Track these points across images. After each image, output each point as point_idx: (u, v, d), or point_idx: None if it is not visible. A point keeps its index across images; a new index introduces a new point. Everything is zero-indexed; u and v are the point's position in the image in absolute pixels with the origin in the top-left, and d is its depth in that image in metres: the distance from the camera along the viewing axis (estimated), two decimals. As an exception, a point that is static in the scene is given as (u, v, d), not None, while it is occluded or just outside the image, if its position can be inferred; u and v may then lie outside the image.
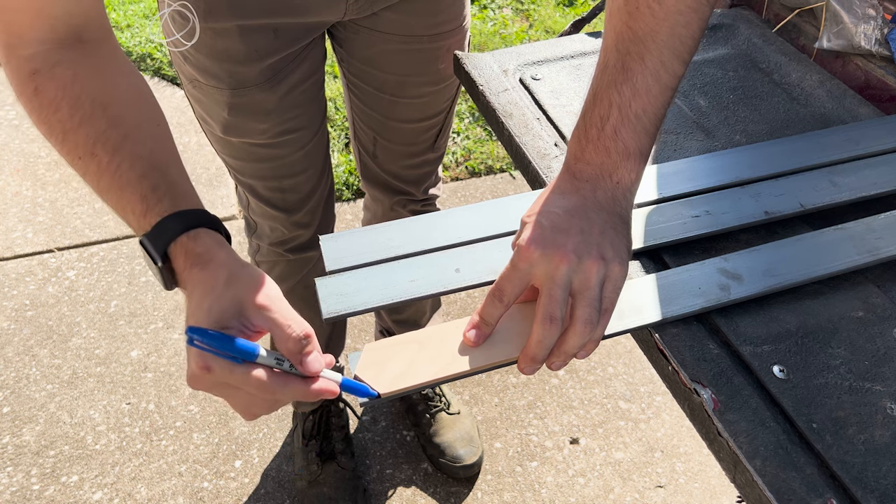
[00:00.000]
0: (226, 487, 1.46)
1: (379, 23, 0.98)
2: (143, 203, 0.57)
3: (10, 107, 2.50)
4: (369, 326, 1.78)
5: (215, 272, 0.54)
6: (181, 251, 0.56)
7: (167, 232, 0.56)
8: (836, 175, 0.76)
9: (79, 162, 0.59)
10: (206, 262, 0.55)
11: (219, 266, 0.55)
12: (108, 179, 0.58)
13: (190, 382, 0.52)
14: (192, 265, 0.55)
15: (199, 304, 0.53)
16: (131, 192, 0.57)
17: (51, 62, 0.59)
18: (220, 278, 0.54)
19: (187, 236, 0.56)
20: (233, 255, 0.57)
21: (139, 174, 0.58)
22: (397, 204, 1.26)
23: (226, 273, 0.54)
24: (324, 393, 0.54)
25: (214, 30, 0.88)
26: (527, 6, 3.10)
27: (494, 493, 1.46)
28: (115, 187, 0.58)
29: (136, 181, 0.57)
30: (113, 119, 0.59)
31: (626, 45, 0.58)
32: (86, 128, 0.58)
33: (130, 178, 0.58)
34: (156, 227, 0.56)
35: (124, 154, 0.58)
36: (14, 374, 1.65)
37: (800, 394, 0.56)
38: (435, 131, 1.16)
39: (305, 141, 1.05)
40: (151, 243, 0.56)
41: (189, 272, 0.55)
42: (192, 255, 0.55)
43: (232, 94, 0.94)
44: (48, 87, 0.59)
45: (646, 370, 1.71)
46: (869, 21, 0.90)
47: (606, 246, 0.55)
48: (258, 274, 0.55)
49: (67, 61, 0.60)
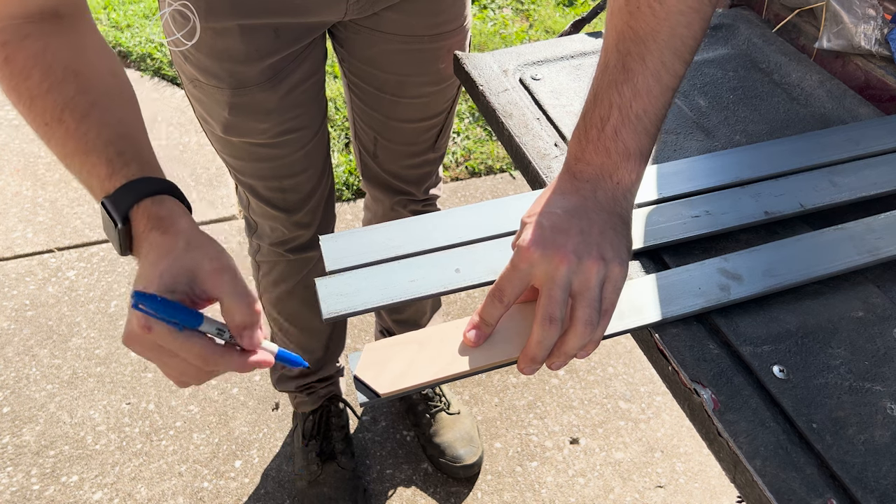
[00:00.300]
0: (226, 487, 1.46)
1: (380, 23, 0.98)
2: (108, 167, 0.57)
3: (11, 107, 2.50)
4: (369, 326, 1.78)
5: (175, 237, 0.55)
6: (143, 214, 0.56)
7: (130, 194, 0.56)
8: (836, 175, 0.76)
9: (45, 128, 0.59)
10: (167, 226, 0.55)
11: (179, 232, 0.55)
12: (73, 144, 0.58)
13: (126, 341, 0.52)
14: (153, 228, 0.55)
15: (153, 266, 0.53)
16: (97, 156, 0.58)
17: (21, 34, 0.60)
18: (180, 243, 0.54)
19: (151, 200, 0.56)
20: (194, 224, 0.57)
21: (106, 140, 0.58)
22: (398, 204, 1.26)
23: (185, 239, 0.55)
24: (260, 364, 0.54)
25: (215, 29, 0.88)
26: (527, 6, 3.10)
27: (494, 493, 1.46)
28: (81, 152, 0.58)
29: (103, 147, 0.58)
30: (83, 86, 0.60)
31: (626, 45, 0.58)
32: (54, 94, 0.59)
33: (97, 144, 0.58)
34: (120, 189, 0.56)
35: (92, 121, 0.59)
36: (14, 374, 1.65)
37: (800, 394, 0.56)
38: (435, 131, 1.16)
39: (306, 141, 1.05)
40: (113, 205, 0.56)
41: (148, 234, 0.55)
42: (154, 219, 0.56)
43: (232, 93, 0.94)
44: (18, 57, 0.60)
45: (646, 370, 1.71)
46: (869, 21, 0.90)
47: (606, 246, 0.55)
48: (217, 245, 0.56)
49: (38, 33, 0.60)
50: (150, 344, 0.52)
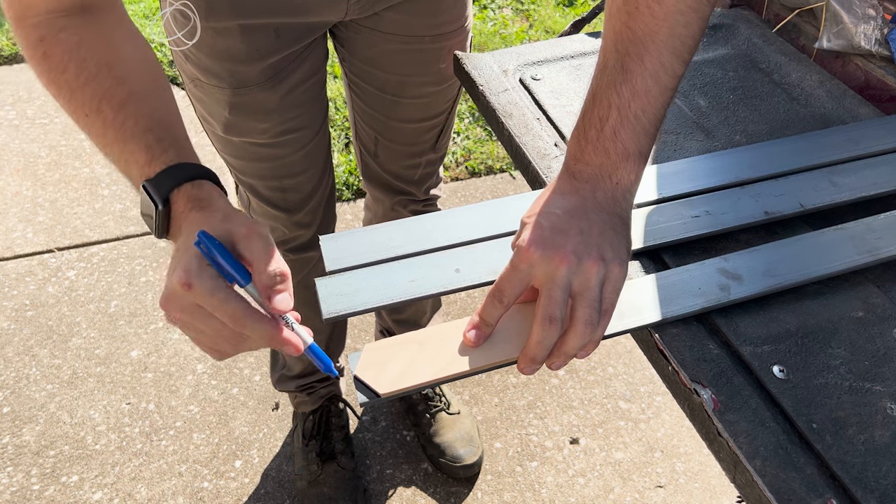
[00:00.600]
0: (226, 487, 1.46)
1: (380, 23, 0.98)
2: (147, 153, 0.59)
3: (10, 107, 2.50)
4: (369, 326, 1.78)
5: (213, 212, 0.56)
6: (183, 197, 0.57)
7: (171, 179, 0.58)
8: (836, 175, 0.76)
9: (85, 119, 0.61)
10: (205, 205, 0.57)
11: (217, 209, 0.57)
12: (112, 133, 0.60)
13: (163, 302, 0.52)
14: (192, 208, 0.57)
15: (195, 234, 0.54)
16: (135, 144, 0.59)
17: (56, 28, 0.62)
18: (217, 217, 0.56)
19: (191, 184, 0.58)
20: (230, 204, 0.59)
21: (144, 128, 0.60)
22: (398, 204, 1.26)
23: (222, 213, 0.56)
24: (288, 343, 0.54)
25: (216, 29, 0.88)
26: (527, 6, 3.10)
27: (494, 493, 1.46)
28: (120, 140, 0.60)
29: (141, 134, 0.59)
30: (118, 78, 0.61)
31: (625, 45, 0.58)
32: (92, 86, 0.61)
33: (135, 132, 0.60)
34: (160, 174, 0.58)
35: (129, 110, 0.60)
36: (14, 374, 1.65)
37: (800, 394, 0.56)
38: (436, 131, 1.16)
39: (306, 141, 1.05)
40: (154, 188, 0.57)
41: (188, 214, 0.57)
42: (194, 200, 0.57)
43: (233, 93, 0.94)
44: (55, 52, 0.61)
45: (646, 370, 1.71)
46: (869, 21, 0.90)
47: (606, 247, 0.55)
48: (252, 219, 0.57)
49: (73, 27, 0.62)
50: (189, 305, 0.52)
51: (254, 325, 0.52)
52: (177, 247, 0.56)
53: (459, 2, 1.01)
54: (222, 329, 0.53)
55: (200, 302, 0.51)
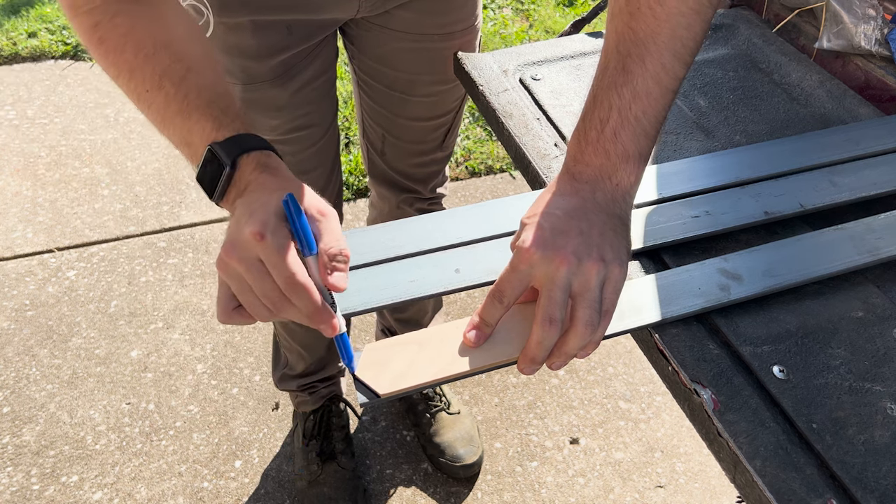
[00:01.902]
0: (226, 487, 1.46)
1: (391, 21, 0.98)
2: (214, 122, 0.60)
3: (10, 107, 2.50)
4: (370, 326, 1.78)
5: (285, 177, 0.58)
6: (253, 161, 0.59)
7: (243, 143, 0.59)
8: (836, 175, 0.76)
9: (146, 94, 0.62)
10: (275, 171, 0.59)
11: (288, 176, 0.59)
12: (175, 106, 0.61)
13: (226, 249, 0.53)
14: (262, 171, 0.58)
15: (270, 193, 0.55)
16: (200, 114, 0.61)
17: (110, 13, 0.63)
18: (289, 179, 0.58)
19: (261, 153, 0.59)
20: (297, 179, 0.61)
21: (207, 101, 0.61)
22: (404, 202, 1.26)
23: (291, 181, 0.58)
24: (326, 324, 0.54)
25: (228, 25, 0.88)
26: (527, 6, 3.10)
27: (494, 493, 1.46)
28: (183, 112, 0.61)
29: (205, 106, 0.61)
30: (176, 54, 0.63)
31: (626, 46, 0.58)
32: (151, 64, 0.62)
33: (199, 104, 0.61)
34: (230, 139, 0.59)
35: (190, 84, 0.62)
36: (14, 374, 1.65)
37: (800, 394, 0.56)
38: (444, 130, 1.16)
39: (317, 138, 1.06)
40: (224, 150, 0.58)
41: (258, 175, 0.58)
42: (263, 165, 0.59)
43: (244, 89, 0.94)
44: (111, 36, 0.63)
45: (646, 370, 1.71)
46: (869, 21, 0.90)
47: (606, 248, 0.55)
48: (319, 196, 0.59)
49: (125, 11, 0.63)
50: (251, 257, 0.52)
51: (304, 293, 0.52)
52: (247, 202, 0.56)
53: (470, 1, 1.01)
54: (271, 290, 0.53)
55: (265, 257, 0.52)
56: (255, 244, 0.51)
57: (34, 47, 2.76)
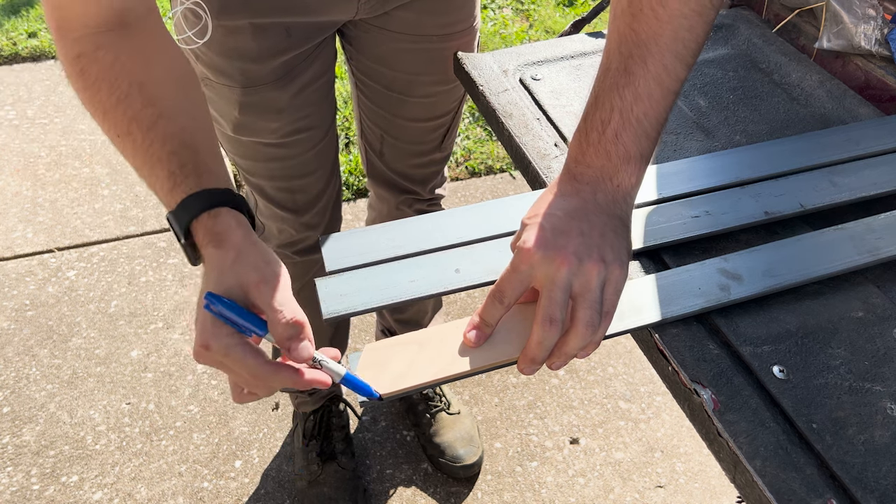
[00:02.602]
0: (226, 487, 1.46)
1: (390, 21, 0.98)
2: (170, 180, 0.59)
3: (10, 107, 2.50)
4: (370, 327, 1.78)
5: (226, 252, 0.56)
6: (201, 229, 0.57)
7: (189, 209, 0.57)
8: (836, 175, 0.76)
9: (118, 140, 0.62)
10: (221, 241, 0.57)
11: (231, 247, 0.56)
12: (141, 157, 0.60)
13: (195, 357, 0.54)
14: (209, 243, 0.57)
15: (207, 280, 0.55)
16: (160, 168, 0.59)
17: (94, 45, 0.62)
18: (229, 258, 0.55)
19: (208, 215, 0.57)
20: (249, 236, 0.58)
21: (169, 151, 0.60)
22: (403, 203, 1.26)
23: (234, 254, 0.56)
24: (315, 383, 0.55)
25: (227, 27, 0.88)
26: (527, 6, 3.10)
27: (494, 493, 1.46)
28: (147, 165, 0.60)
29: (166, 158, 0.59)
30: (148, 98, 0.61)
31: (628, 47, 0.58)
32: (123, 107, 0.61)
33: (161, 156, 0.60)
34: (180, 205, 0.58)
35: (157, 132, 0.60)
36: (14, 374, 1.65)
37: (800, 394, 0.56)
38: (442, 131, 1.16)
39: (316, 140, 1.06)
40: (176, 220, 0.58)
41: (206, 250, 0.57)
42: (211, 234, 0.57)
43: (243, 92, 0.94)
44: (91, 70, 0.62)
45: (646, 370, 1.71)
46: (869, 21, 0.90)
47: (607, 248, 0.55)
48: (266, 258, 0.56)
49: (109, 44, 0.62)
50: (214, 362, 0.53)
51: (272, 376, 0.53)
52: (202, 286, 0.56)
53: (469, 1, 1.01)
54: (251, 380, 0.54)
55: (220, 362, 0.53)
56: (207, 354, 0.52)
57: (34, 47, 2.76)
